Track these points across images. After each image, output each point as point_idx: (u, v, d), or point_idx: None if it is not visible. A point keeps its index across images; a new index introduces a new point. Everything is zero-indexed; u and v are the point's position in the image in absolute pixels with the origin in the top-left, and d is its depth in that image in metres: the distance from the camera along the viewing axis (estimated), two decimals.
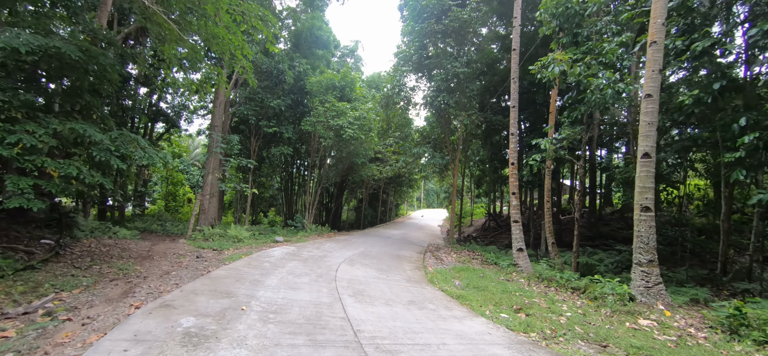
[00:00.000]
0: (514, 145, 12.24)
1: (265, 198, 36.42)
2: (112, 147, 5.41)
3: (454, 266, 12.50)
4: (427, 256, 14.54)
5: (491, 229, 26.37)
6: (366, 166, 21.20)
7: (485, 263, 14.53)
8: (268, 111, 19.86)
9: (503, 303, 7.53)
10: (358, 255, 11.63)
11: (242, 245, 11.60)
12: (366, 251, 12.86)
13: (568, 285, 9.52)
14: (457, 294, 7.50)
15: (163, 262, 7.88)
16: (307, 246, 12.38)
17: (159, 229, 18.41)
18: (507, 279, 10.67)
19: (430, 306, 6.17)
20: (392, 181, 33.24)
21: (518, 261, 11.67)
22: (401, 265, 10.88)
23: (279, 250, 10.50)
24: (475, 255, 16.02)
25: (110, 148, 5.38)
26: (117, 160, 5.51)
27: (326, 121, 17.81)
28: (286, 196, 30.06)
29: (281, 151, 19.76)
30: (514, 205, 12.04)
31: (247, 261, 8.24)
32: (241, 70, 9.48)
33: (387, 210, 35.62)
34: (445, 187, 41.59)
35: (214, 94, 16.53)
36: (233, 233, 12.84)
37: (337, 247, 12.93)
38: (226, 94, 8.61)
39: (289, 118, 21.30)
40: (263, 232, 17.31)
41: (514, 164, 12.17)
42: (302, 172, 30.72)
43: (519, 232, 11.85)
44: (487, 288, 8.83)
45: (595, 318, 6.84)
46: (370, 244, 15.21)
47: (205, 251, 9.74)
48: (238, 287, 5.78)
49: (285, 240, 13.85)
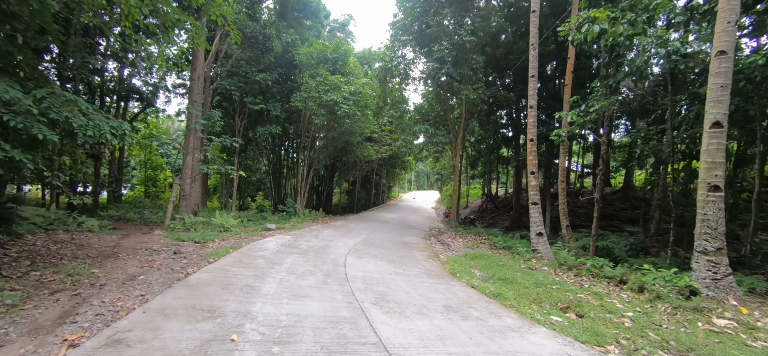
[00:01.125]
0: (534, 119, 10.91)
1: (252, 181, 34.41)
2: (35, 110, 3.75)
3: (465, 252, 11.29)
4: (432, 242, 13.29)
5: (489, 211, 25.38)
6: (362, 145, 19.60)
7: (494, 247, 13.41)
8: (253, 86, 17.92)
9: (544, 300, 6.30)
10: (362, 243, 10.23)
11: (229, 235, 10.02)
12: (369, 238, 11.47)
13: (602, 274, 8.41)
14: (492, 291, 6.21)
15: (130, 262, 6.28)
16: (303, 234, 10.89)
17: (136, 218, 16.56)
18: (529, 267, 9.50)
19: (473, 312, 4.84)
20: (385, 163, 31.77)
21: (538, 246, 10.51)
22: (412, 254, 9.55)
23: (273, 241, 8.99)
24: (481, 239, 14.88)
25: (32, 111, 3.72)
26: (43, 128, 3.85)
27: (318, 97, 16.06)
28: (275, 180, 28.24)
29: (269, 130, 17.95)
30: (533, 186, 10.80)
31: (236, 257, 6.72)
32: (220, 19, 7.71)
33: (379, 193, 34.26)
34: (437, 168, 40.42)
35: (191, 64, 14.53)
36: (218, 221, 11.22)
37: (337, 235, 11.49)
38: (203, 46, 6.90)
39: (277, 95, 19.40)
40: (252, 219, 15.69)
41: (533, 140, 10.87)
42: (291, 155, 28.88)
43: (538, 215, 10.65)
44: (516, 280, 7.60)
45: (658, 317, 5.68)
46: (371, 230, 13.83)
47: (185, 244, 8.15)
48: (225, 299, 4.30)
49: (278, 227, 12.31)
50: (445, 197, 34.63)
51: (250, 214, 16.81)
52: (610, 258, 11.73)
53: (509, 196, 28.43)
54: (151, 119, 29.64)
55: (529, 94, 11.04)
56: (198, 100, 14.48)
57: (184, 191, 14.39)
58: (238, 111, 18.60)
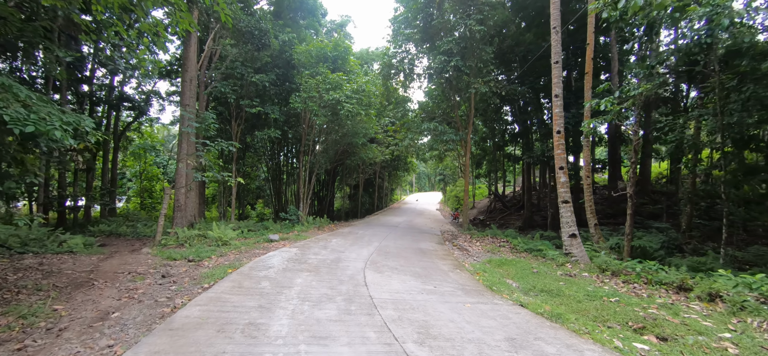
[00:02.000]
0: (560, 109, 9.82)
1: (251, 189, 33.17)
2: None
3: (489, 258, 10.15)
4: (449, 247, 12.14)
5: (498, 211, 24.27)
6: (366, 147, 18.44)
7: (515, 251, 12.28)
8: (249, 89, 16.76)
9: (608, 317, 5.17)
10: (377, 253, 9.06)
11: (228, 250, 8.82)
12: (383, 247, 10.30)
13: (656, 280, 7.29)
14: (548, 311, 5.06)
15: (106, 291, 5.09)
16: (310, 245, 9.71)
17: (128, 232, 15.33)
18: (567, 274, 8.37)
19: (548, 349, 3.68)
20: (387, 165, 30.65)
21: (571, 249, 9.38)
22: (434, 264, 8.39)
23: (278, 255, 7.80)
24: (498, 241, 13.75)
25: None
26: None
27: (319, 97, 14.92)
28: (275, 187, 27.03)
29: (268, 134, 16.76)
30: (562, 183, 9.68)
31: (235, 280, 5.54)
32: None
33: (382, 197, 33.08)
34: (439, 169, 39.31)
35: (182, 65, 13.37)
36: (216, 234, 10.02)
37: (347, 244, 10.32)
38: (186, 25, 5.75)
39: (275, 97, 18.24)
40: (253, 229, 14.49)
41: (560, 132, 9.76)
42: (290, 160, 27.70)
43: (570, 215, 9.53)
44: (562, 292, 6.46)
45: (762, 338, 4.55)
46: (381, 237, 12.66)
47: (176, 264, 6.95)
48: (221, 351, 3.13)
49: (281, 238, 11.12)
50: (451, 198, 33.51)
51: (251, 224, 15.61)
52: (646, 258, 10.63)
53: (517, 195, 27.35)
54: (145, 128, 28.41)
55: (553, 82, 9.95)
56: (191, 103, 13.30)
57: (178, 202, 13.18)
58: (235, 115, 17.43)
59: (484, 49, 13.92)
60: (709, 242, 13.00)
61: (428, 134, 14.89)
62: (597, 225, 11.43)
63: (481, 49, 13.96)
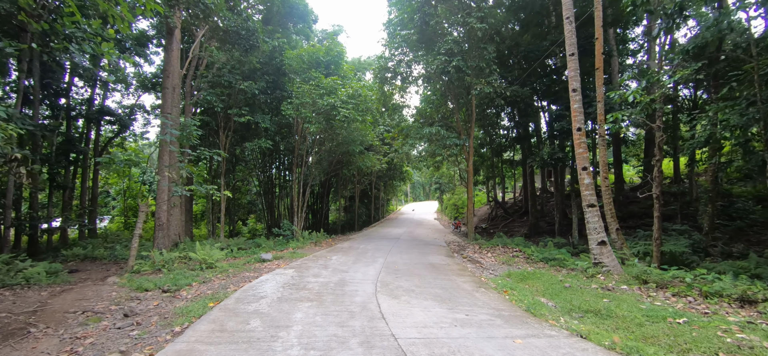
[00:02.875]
0: (579, 104, 8.87)
1: (242, 204, 31.67)
2: None
3: (508, 271, 9.03)
4: (458, 259, 11.01)
5: (499, 218, 23.26)
6: (364, 154, 17.31)
7: (531, 261, 11.21)
8: (238, 97, 15.59)
9: (688, 345, 4.07)
10: (385, 271, 7.87)
11: (213, 274, 7.52)
12: (390, 263, 9.11)
13: (710, 292, 6.24)
14: (623, 345, 3.93)
15: (42, 344, 3.80)
16: (308, 264, 8.47)
17: (105, 255, 13.80)
18: (602, 287, 7.29)
19: None
20: (383, 175, 29.55)
21: (601, 258, 8.32)
22: (453, 283, 7.23)
23: (271, 280, 6.55)
24: (510, 251, 12.66)
25: None
26: None
27: (313, 103, 13.81)
28: (267, 200, 25.64)
29: (258, 145, 15.54)
30: (587, 185, 8.67)
31: (217, 319, 4.29)
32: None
33: (378, 207, 31.86)
34: (436, 178, 38.35)
35: (164, 71, 12.17)
36: (200, 255, 8.70)
37: (349, 261, 9.10)
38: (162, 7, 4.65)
39: (265, 106, 17.07)
40: (244, 247, 13.15)
41: (580, 130, 8.79)
42: (282, 173, 26.39)
43: (597, 220, 8.50)
44: (612, 313, 5.36)
45: None
46: (385, 251, 11.46)
47: (146, 297, 5.65)
48: None
49: (275, 257, 9.82)
50: (449, 206, 32.47)
51: (241, 241, 14.25)
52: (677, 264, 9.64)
53: (518, 201, 26.44)
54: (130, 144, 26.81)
55: (569, 76, 9.02)
56: (173, 112, 12.06)
57: (159, 220, 11.85)
58: (223, 125, 16.18)
59: (485, 48, 13.04)
60: (735, 242, 12.15)
61: (428, 140, 13.85)
62: (619, 229, 10.44)
63: (483, 48, 13.08)
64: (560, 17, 16.46)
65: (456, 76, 13.15)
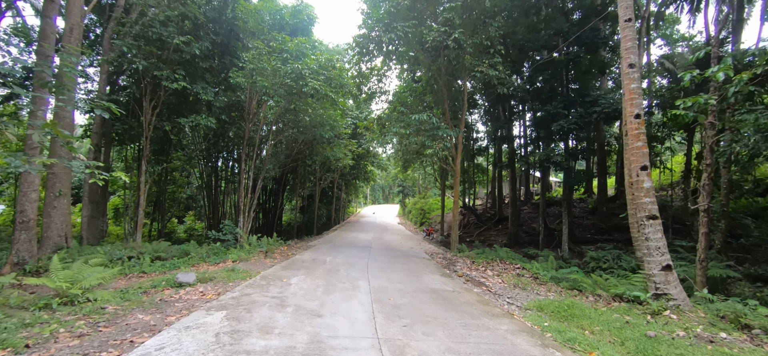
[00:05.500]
0: (637, 84, 6.59)
1: (179, 199, 26.41)
2: None
3: (537, 301, 6.44)
4: (456, 277, 8.27)
5: (472, 225, 21.18)
6: (334, 143, 14.01)
7: (540, 282, 8.82)
8: (171, 57, 11.57)
9: None
10: (379, 310, 4.82)
11: (66, 323, 3.92)
12: (378, 290, 6.06)
13: None
14: None
15: None
16: (253, 295, 5.13)
17: None
18: (695, 335, 4.92)
19: None
20: (346, 174, 26.27)
21: (667, 288, 6.01)
22: (486, 325, 4.39)
23: (174, 347, 3.19)
24: (512, 268, 10.20)
25: None
26: None
27: (273, 73, 10.36)
28: (209, 196, 21.11)
29: (196, 121, 11.65)
30: (646, 189, 6.35)
31: None
32: None
33: (339, 209, 28.43)
34: (399, 180, 35.80)
35: None
36: (59, 280, 4.94)
37: (318, 287, 5.89)
38: None
39: (208, 75, 13.12)
40: (164, 255, 9.30)
41: (639, 117, 6.50)
42: (230, 165, 22.00)
43: (660, 237, 6.19)
44: None
45: None
46: (362, 267, 8.37)
47: None
48: None
49: (201, 278, 6.23)
50: (414, 211, 30.04)
51: (163, 247, 10.23)
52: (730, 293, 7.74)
53: (488, 208, 24.69)
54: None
55: (625, 49, 6.72)
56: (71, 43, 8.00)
57: (22, 215, 7.70)
58: (149, 92, 11.98)
59: (491, 24, 10.58)
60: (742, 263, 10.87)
61: (416, 130, 11.01)
62: None
63: (488, 23, 10.61)
64: (556, 9, 14.69)
65: (454, 54, 10.51)
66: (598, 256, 12.29)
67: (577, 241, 15.07)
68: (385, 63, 13.10)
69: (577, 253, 14.01)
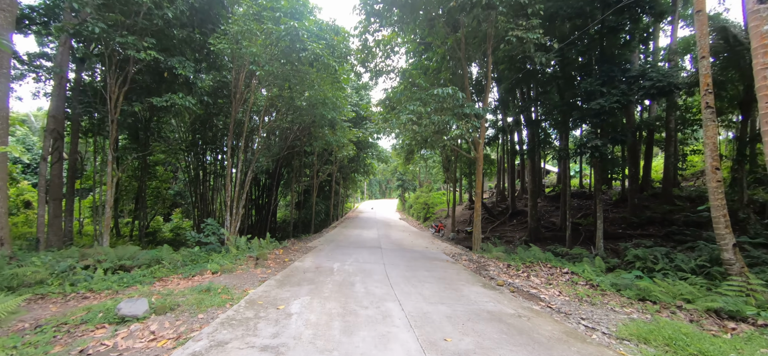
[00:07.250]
0: None
1: (165, 195, 24.08)
2: None
3: (623, 323, 4.58)
4: (513, 296, 6.35)
5: (483, 220, 19.31)
6: (338, 125, 11.96)
7: (601, 291, 6.98)
8: (141, 22, 9.39)
9: None
10: (416, 339, 2.88)
11: None
12: (416, 314, 4.09)
13: None
14: None
15: None
16: (230, 328, 3.15)
17: None
18: None
19: None
20: (344, 167, 24.22)
21: None
22: None
23: None
24: (556, 272, 8.33)
25: None
26: None
27: (264, 36, 8.27)
28: (197, 191, 18.89)
29: (171, 100, 9.52)
30: None
31: None
32: None
33: (338, 204, 26.38)
34: (398, 174, 33.84)
35: None
36: None
37: (326, 313, 3.91)
38: None
39: (186, 47, 10.94)
40: (129, 263, 7.26)
41: None
42: (220, 156, 19.78)
43: None
44: None
45: None
46: (380, 279, 6.41)
47: None
48: None
49: (158, 304, 4.20)
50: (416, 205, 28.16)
51: (128, 253, 8.08)
52: None
53: (497, 201, 22.89)
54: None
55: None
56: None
57: None
58: (114, 65, 9.76)
59: None
60: None
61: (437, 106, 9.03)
62: (736, 245, 6.59)
63: None
64: None
65: (483, 16, 8.52)
66: (643, 255, 10.48)
67: (608, 237, 13.33)
68: (396, 34, 11.07)
69: (612, 251, 12.24)
